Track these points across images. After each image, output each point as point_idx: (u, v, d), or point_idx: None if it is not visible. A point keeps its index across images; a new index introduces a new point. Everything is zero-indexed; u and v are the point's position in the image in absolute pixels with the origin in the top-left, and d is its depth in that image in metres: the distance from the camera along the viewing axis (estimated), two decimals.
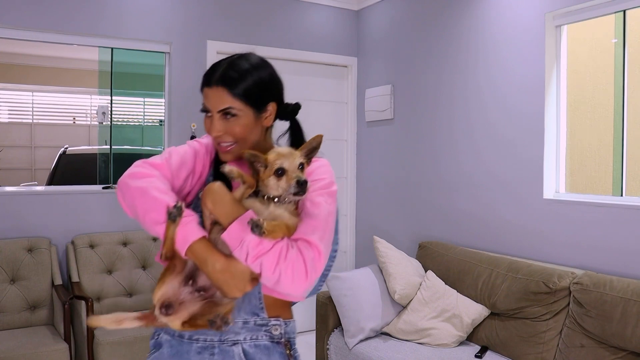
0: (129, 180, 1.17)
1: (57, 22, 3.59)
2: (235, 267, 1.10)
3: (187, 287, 1.16)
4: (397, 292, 3.16)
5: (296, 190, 1.13)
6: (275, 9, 4.32)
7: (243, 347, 1.22)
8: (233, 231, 1.10)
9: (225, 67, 1.27)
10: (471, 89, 3.54)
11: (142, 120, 4.86)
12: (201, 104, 1.31)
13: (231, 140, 1.25)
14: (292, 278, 1.11)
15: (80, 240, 3.55)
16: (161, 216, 1.11)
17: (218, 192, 1.15)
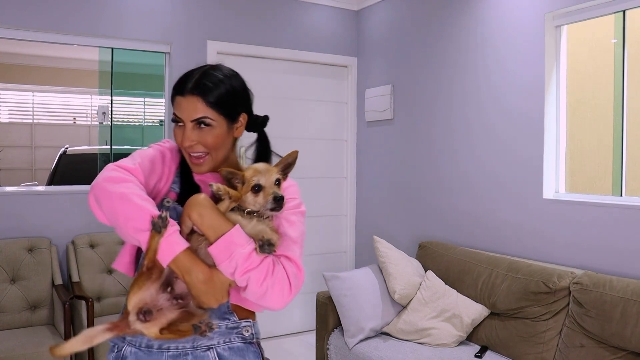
0: (107, 185, 1.12)
1: (57, 22, 3.59)
2: (217, 279, 1.13)
3: (165, 294, 1.14)
4: (397, 292, 3.16)
5: (273, 206, 1.17)
6: (275, 9, 4.32)
7: (217, 350, 1.24)
8: (221, 245, 1.12)
9: (199, 76, 1.25)
10: (471, 89, 3.54)
11: (142, 120, 4.86)
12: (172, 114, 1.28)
13: (203, 151, 1.25)
14: (279, 293, 1.15)
15: (81, 240, 3.55)
16: (144, 224, 1.09)
17: (204, 205, 1.15)
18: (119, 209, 1.11)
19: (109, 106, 4.10)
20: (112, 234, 3.69)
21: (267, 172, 1.21)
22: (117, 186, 1.12)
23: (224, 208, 1.18)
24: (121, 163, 1.19)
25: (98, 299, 3.48)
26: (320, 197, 4.51)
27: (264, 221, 1.19)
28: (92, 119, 7.97)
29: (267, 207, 1.18)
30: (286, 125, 4.33)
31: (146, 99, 4.78)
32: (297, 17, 4.42)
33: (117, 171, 1.16)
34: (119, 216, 1.12)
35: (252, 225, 1.18)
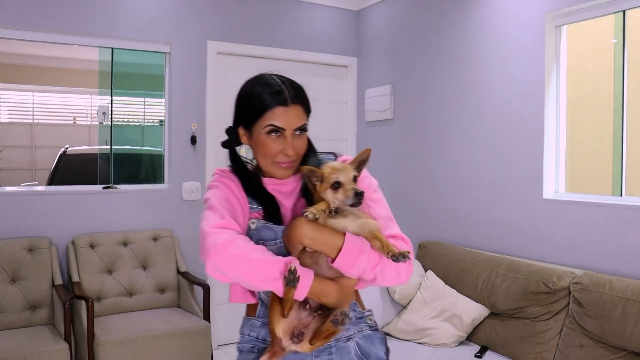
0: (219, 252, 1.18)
1: (58, 22, 3.59)
2: (345, 287, 1.25)
3: (305, 311, 1.25)
4: (397, 292, 3.16)
5: (354, 201, 1.23)
6: (275, 9, 4.32)
7: (355, 340, 1.35)
8: (343, 258, 1.21)
9: (293, 87, 1.34)
10: (471, 89, 3.54)
11: (142, 120, 4.86)
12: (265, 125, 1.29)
13: (294, 157, 1.32)
14: (403, 272, 1.26)
15: (81, 240, 3.55)
16: (270, 274, 1.17)
17: (310, 229, 1.23)
18: (241, 271, 1.18)
19: (109, 106, 4.10)
20: (112, 234, 3.69)
21: (344, 169, 1.26)
22: (228, 251, 1.17)
23: (322, 221, 1.24)
24: (214, 223, 1.23)
25: (98, 299, 3.48)
26: None
27: (357, 213, 1.26)
28: (92, 119, 7.97)
29: (347, 203, 1.23)
30: None
31: (146, 99, 4.77)
32: (297, 17, 4.42)
33: (218, 234, 1.20)
34: (245, 278, 1.19)
35: (351, 222, 1.25)
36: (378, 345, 1.37)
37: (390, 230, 1.30)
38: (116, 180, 4.06)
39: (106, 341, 3.03)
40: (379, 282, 1.26)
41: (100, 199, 3.76)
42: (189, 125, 4.02)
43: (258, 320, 1.36)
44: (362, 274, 1.23)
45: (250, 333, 1.38)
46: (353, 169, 1.28)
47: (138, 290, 3.63)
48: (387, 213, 1.33)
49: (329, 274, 1.25)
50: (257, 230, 1.31)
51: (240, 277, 1.19)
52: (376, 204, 1.32)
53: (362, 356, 1.34)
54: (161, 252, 3.76)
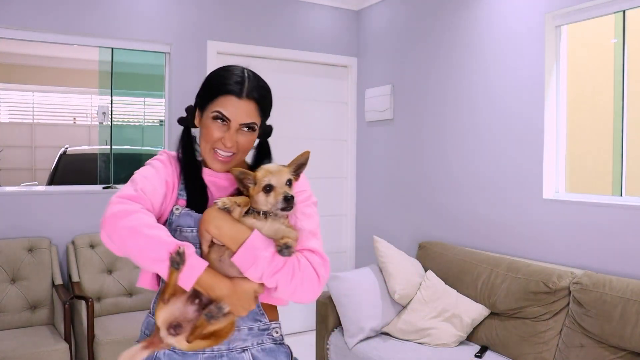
0: (115, 221, 1.12)
1: (58, 22, 3.59)
2: (240, 289, 1.15)
3: (193, 306, 1.17)
4: (397, 292, 3.16)
5: (283, 206, 1.18)
6: (275, 9, 4.32)
7: (252, 352, 1.27)
8: (244, 253, 1.14)
9: (255, 82, 1.29)
10: (471, 89, 3.54)
11: (142, 120, 4.86)
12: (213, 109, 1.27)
13: (234, 152, 1.28)
14: (309, 287, 1.18)
15: (81, 240, 3.55)
16: (157, 254, 1.10)
17: (220, 217, 1.17)
18: (130, 243, 1.11)
19: (109, 106, 4.10)
20: None
21: (279, 172, 1.22)
22: (124, 221, 1.12)
23: (237, 215, 1.19)
24: (123, 193, 1.18)
25: (98, 299, 3.48)
26: (320, 197, 4.47)
27: (278, 219, 1.21)
28: (92, 119, 7.97)
29: (278, 207, 1.19)
30: (286, 125, 4.33)
31: (146, 99, 4.78)
32: (297, 17, 4.42)
33: (121, 204, 1.15)
34: (132, 250, 1.12)
35: (268, 225, 1.20)
36: (281, 359, 1.31)
37: (309, 244, 1.23)
38: (116, 180, 4.06)
39: (106, 341, 3.03)
40: (282, 291, 1.17)
41: (100, 199, 3.76)
42: None
43: (153, 318, 1.27)
44: (262, 277, 1.14)
45: (145, 330, 1.34)
46: (289, 172, 1.24)
47: (138, 290, 3.63)
48: (313, 228, 1.26)
49: (230, 273, 1.17)
50: (179, 217, 1.26)
51: (129, 251, 1.12)
52: (305, 217, 1.27)
53: None
54: None
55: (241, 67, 1.32)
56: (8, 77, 7.34)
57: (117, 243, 1.12)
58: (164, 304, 1.15)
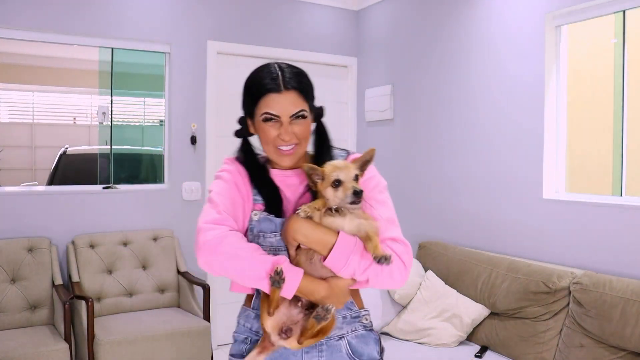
0: (210, 249, 1.20)
1: (58, 22, 3.59)
2: (336, 287, 1.25)
3: (297, 308, 1.27)
4: (397, 292, 3.16)
5: (352, 200, 1.23)
6: (275, 9, 4.32)
7: (347, 339, 1.35)
8: (335, 256, 1.21)
9: (289, 72, 1.32)
10: (471, 89, 3.54)
11: (142, 120, 4.86)
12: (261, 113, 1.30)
13: (295, 143, 1.32)
14: (397, 275, 1.25)
15: (81, 240, 3.55)
16: (257, 274, 1.20)
17: (304, 226, 1.24)
18: (230, 269, 1.21)
19: (109, 106, 4.10)
20: (112, 234, 3.69)
21: (346, 167, 1.26)
22: (219, 248, 1.20)
23: (318, 219, 1.25)
24: (209, 218, 1.25)
25: (98, 299, 3.48)
26: None
27: (357, 212, 1.26)
28: (92, 119, 7.97)
29: (347, 201, 1.23)
30: None
31: (146, 99, 4.77)
32: (297, 17, 4.42)
33: (211, 230, 1.22)
34: (234, 275, 1.23)
35: (348, 222, 1.25)
36: (372, 345, 1.38)
37: (389, 233, 1.28)
38: (116, 180, 4.06)
39: (106, 341, 3.03)
40: (372, 284, 1.26)
41: (100, 199, 3.76)
42: (189, 125, 4.02)
43: (253, 311, 1.37)
44: (354, 274, 1.23)
45: (245, 323, 1.39)
46: (356, 168, 1.28)
47: (138, 290, 3.63)
48: (390, 215, 1.31)
49: (323, 273, 1.25)
50: (259, 222, 1.31)
51: (229, 274, 1.23)
52: (380, 204, 1.31)
53: (353, 355, 1.35)
54: (161, 252, 3.76)
55: (272, 63, 1.35)
56: (8, 77, 7.34)
57: (217, 269, 1.22)
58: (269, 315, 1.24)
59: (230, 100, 4.20)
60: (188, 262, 3.92)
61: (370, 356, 1.37)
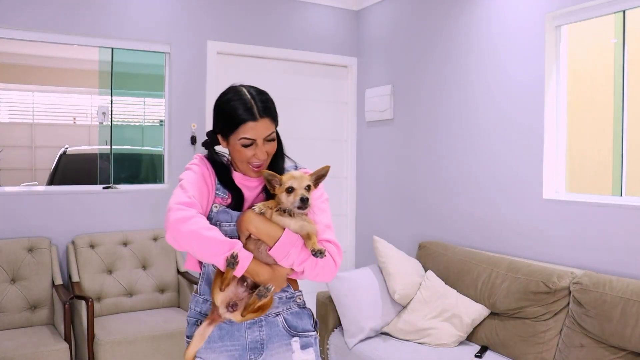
0: (178, 226, 1.40)
1: (58, 22, 3.59)
2: (278, 273, 1.50)
3: (243, 287, 1.50)
4: (397, 292, 3.16)
5: (299, 205, 1.48)
6: (275, 9, 4.32)
7: (283, 316, 1.61)
8: (278, 248, 1.46)
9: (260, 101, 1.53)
10: (471, 89, 3.54)
11: (142, 120, 4.86)
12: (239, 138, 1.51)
13: (264, 160, 1.56)
14: (328, 271, 1.51)
15: (81, 240, 3.55)
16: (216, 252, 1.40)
17: (257, 220, 1.49)
18: (193, 244, 1.41)
19: (109, 106, 4.10)
20: (112, 234, 3.69)
21: (300, 178, 1.51)
22: (185, 225, 1.40)
23: (269, 216, 1.49)
24: (179, 200, 1.45)
25: (98, 299, 3.48)
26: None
27: (302, 216, 1.50)
28: (92, 119, 7.97)
29: (295, 205, 1.48)
30: (286, 125, 4.30)
31: (146, 99, 4.77)
32: (297, 17, 4.42)
33: (180, 210, 1.42)
34: (195, 249, 1.42)
35: (294, 222, 1.49)
36: (305, 319, 1.65)
37: (325, 235, 1.54)
38: (116, 180, 4.06)
39: (106, 341, 3.03)
40: (307, 275, 1.51)
41: (100, 199, 3.76)
42: (189, 125, 4.02)
43: (201, 297, 1.61)
44: (293, 264, 1.47)
45: (195, 308, 1.62)
46: (310, 180, 1.53)
47: (138, 290, 3.63)
48: (328, 221, 1.58)
49: (267, 260, 1.48)
50: (217, 213, 1.55)
51: (192, 249, 1.42)
52: (321, 212, 1.58)
53: (289, 328, 1.61)
54: (161, 252, 3.76)
55: (242, 90, 1.55)
56: (8, 77, 7.34)
57: (181, 243, 1.41)
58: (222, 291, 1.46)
59: None
60: None
61: (305, 328, 1.64)
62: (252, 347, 1.57)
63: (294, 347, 1.60)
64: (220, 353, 1.56)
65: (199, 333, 1.53)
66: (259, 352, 1.58)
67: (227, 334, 1.56)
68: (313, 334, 1.65)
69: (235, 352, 1.56)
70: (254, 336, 1.57)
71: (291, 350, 1.60)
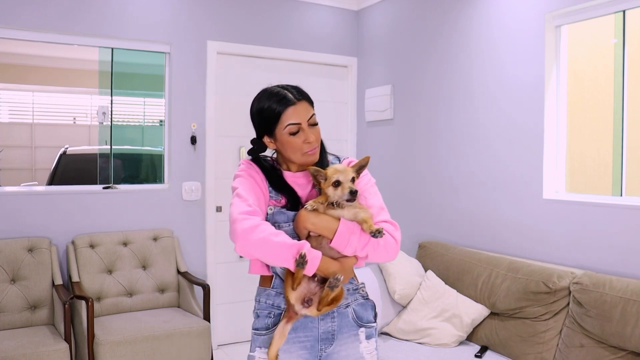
0: (246, 236, 1.44)
1: (58, 22, 3.59)
2: (345, 265, 1.55)
3: (314, 283, 1.54)
4: (397, 292, 3.16)
5: (348, 198, 1.53)
6: (275, 9, 4.32)
7: (352, 307, 1.65)
8: (338, 239, 1.51)
9: (292, 88, 1.61)
10: (471, 89, 3.54)
11: (142, 120, 4.86)
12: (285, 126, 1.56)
13: (316, 143, 1.61)
14: (391, 250, 1.56)
15: (81, 240, 3.55)
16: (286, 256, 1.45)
17: (312, 216, 1.54)
18: (264, 252, 1.46)
19: (109, 106, 4.10)
20: (112, 234, 3.69)
21: (345, 171, 1.55)
22: (254, 234, 1.44)
23: (322, 211, 1.55)
24: (241, 210, 1.49)
25: (98, 299, 3.48)
26: None
27: (354, 204, 1.55)
28: (92, 119, 7.97)
29: (344, 198, 1.53)
30: None
31: (146, 99, 4.77)
32: (297, 17, 4.42)
33: (246, 220, 1.46)
34: (266, 257, 1.47)
35: (347, 212, 1.54)
36: (369, 311, 1.70)
37: (381, 217, 1.60)
38: (116, 180, 4.06)
39: (106, 341, 3.03)
40: (372, 258, 1.56)
41: (100, 199, 3.76)
42: (189, 125, 4.02)
43: (273, 290, 1.62)
44: (356, 251, 1.52)
45: (266, 301, 1.63)
46: (353, 172, 1.56)
47: (138, 290, 3.63)
48: (380, 203, 1.64)
49: (331, 254, 1.53)
50: (273, 215, 1.59)
51: (262, 256, 1.47)
52: (372, 196, 1.64)
53: (357, 319, 1.66)
54: (161, 252, 3.76)
55: (271, 87, 1.62)
56: (8, 77, 7.34)
57: (251, 252, 1.46)
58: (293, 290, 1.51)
59: (230, 100, 4.19)
60: (188, 262, 3.92)
61: (369, 319, 1.68)
62: (324, 338, 1.62)
63: (360, 337, 1.66)
64: (293, 344, 1.60)
65: (279, 332, 1.56)
66: (330, 342, 1.62)
67: (301, 326, 1.60)
68: (374, 325, 1.70)
69: (307, 343, 1.61)
70: (326, 327, 1.62)
71: (358, 340, 1.65)
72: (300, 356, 1.60)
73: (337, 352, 1.63)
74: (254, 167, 1.64)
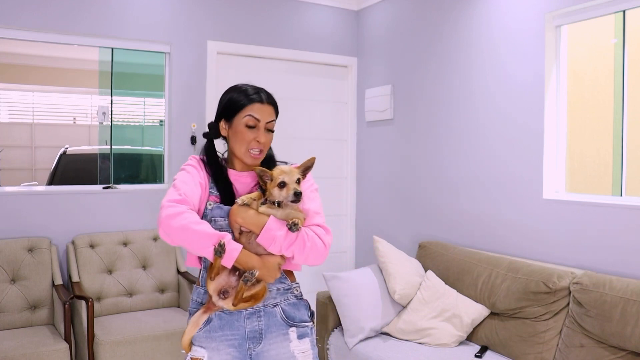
0: (169, 222, 1.47)
1: (58, 22, 3.59)
2: (268, 263, 1.56)
3: (234, 277, 1.56)
4: (397, 292, 3.16)
5: (293, 199, 1.56)
6: (275, 9, 4.32)
7: (281, 307, 1.67)
8: (264, 235, 1.53)
9: (266, 92, 1.69)
10: (471, 89, 3.54)
11: (142, 120, 4.86)
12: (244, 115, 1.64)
13: (262, 147, 1.66)
14: (318, 253, 1.58)
15: (81, 240, 3.55)
16: (205, 244, 1.47)
17: (243, 211, 1.57)
18: (183, 238, 1.48)
19: (109, 106, 4.10)
20: (112, 234, 3.69)
21: (290, 172, 1.58)
22: (176, 220, 1.47)
23: (255, 207, 1.57)
24: (171, 198, 1.52)
25: (98, 299, 3.48)
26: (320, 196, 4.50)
27: (290, 205, 1.57)
28: (92, 119, 7.96)
29: (289, 199, 1.56)
30: (286, 125, 4.33)
31: (146, 99, 4.77)
32: (297, 17, 4.42)
33: (171, 207, 1.49)
34: (186, 243, 1.49)
35: (280, 212, 1.57)
36: (302, 310, 1.71)
37: (315, 220, 1.63)
38: (116, 180, 4.06)
39: (106, 341, 3.03)
40: (297, 259, 1.57)
41: (100, 199, 3.76)
42: (189, 125, 4.02)
43: (202, 288, 1.68)
44: (281, 250, 1.54)
45: (197, 299, 1.69)
46: (299, 173, 1.60)
47: (138, 290, 3.63)
48: (316, 208, 1.66)
49: (259, 251, 1.56)
50: (211, 210, 1.62)
51: (183, 243, 1.49)
52: (310, 200, 1.66)
53: (286, 319, 1.67)
54: (161, 252, 3.76)
55: (248, 84, 1.70)
56: (8, 77, 7.34)
57: (173, 238, 1.48)
58: (212, 280, 1.53)
59: None
60: None
61: (302, 319, 1.70)
62: (251, 337, 1.63)
63: (291, 336, 1.67)
64: (221, 342, 1.62)
65: (193, 320, 1.60)
66: (258, 341, 1.64)
67: (227, 324, 1.62)
68: (309, 324, 1.72)
69: (235, 341, 1.63)
70: (252, 326, 1.64)
71: (288, 339, 1.66)
72: (228, 354, 1.63)
73: (267, 350, 1.64)
74: (200, 163, 1.69)
